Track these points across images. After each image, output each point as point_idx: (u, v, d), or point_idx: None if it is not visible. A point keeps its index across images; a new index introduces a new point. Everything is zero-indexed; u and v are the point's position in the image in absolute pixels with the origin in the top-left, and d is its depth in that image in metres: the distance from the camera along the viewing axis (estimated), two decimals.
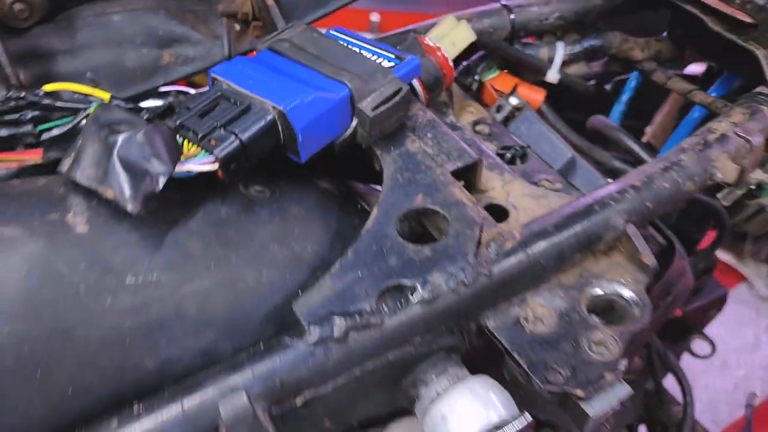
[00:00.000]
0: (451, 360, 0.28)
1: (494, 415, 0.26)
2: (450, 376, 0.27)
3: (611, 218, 0.30)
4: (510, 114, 0.43)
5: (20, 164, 0.30)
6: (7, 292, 0.23)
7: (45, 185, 0.28)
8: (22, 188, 0.28)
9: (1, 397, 0.23)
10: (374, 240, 0.28)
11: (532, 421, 0.27)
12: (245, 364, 0.24)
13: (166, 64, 0.39)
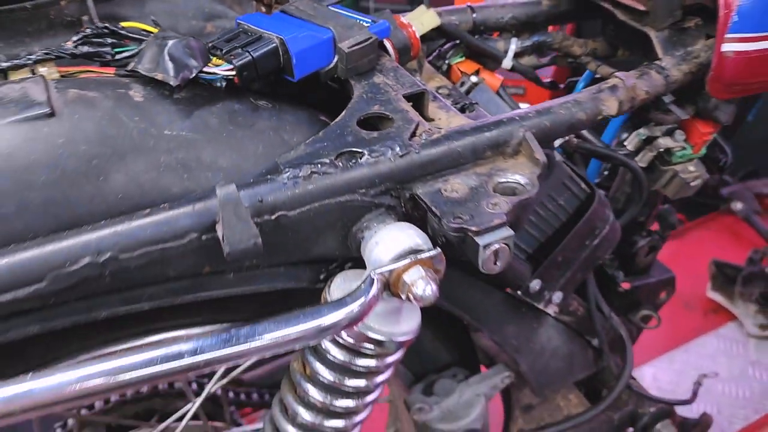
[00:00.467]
0: (389, 215, 0.38)
1: (413, 243, 0.36)
2: (387, 223, 0.38)
3: (516, 129, 0.41)
4: (469, 88, 0.54)
5: (98, 76, 0.43)
6: (87, 128, 0.35)
7: (115, 77, 0.40)
8: (99, 78, 0.40)
9: (74, 189, 0.34)
10: (338, 127, 0.39)
11: (440, 252, 0.37)
12: (240, 188, 0.35)
13: (207, 32, 0.52)
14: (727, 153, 0.76)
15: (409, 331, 0.38)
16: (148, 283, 0.35)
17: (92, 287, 0.33)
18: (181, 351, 0.32)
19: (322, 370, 0.40)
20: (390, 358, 0.39)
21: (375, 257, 0.36)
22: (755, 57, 0.45)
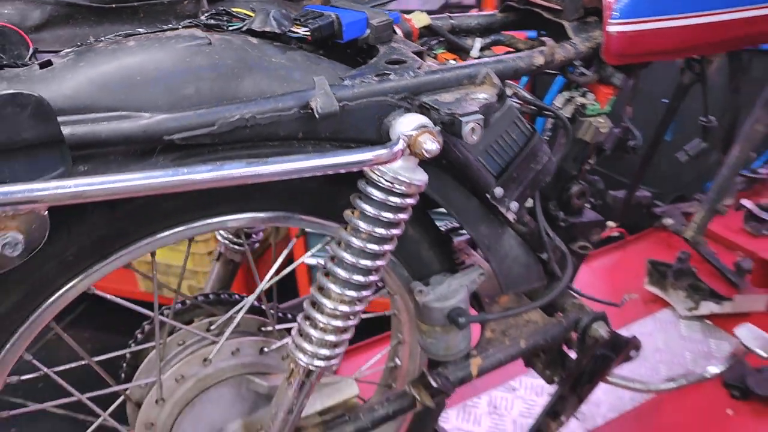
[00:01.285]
0: (408, 113, 0.63)
1: (424, 120, 0.60)
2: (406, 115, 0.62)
3: (481, 68, 0.66)
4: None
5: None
6: (229, 52, 0.59)
7: (237, 33, 0.65)
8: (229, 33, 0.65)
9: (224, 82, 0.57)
10: (374, 64, 0.64)
11: (440, 129, 0.61)
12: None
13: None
14: (636, 137, 1.03)
15: (422, 180, 0.62)
16: (268, 139, 0.58)
17: (239, 134, 0.56)
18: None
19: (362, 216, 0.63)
20: (409, 200, 0.62)
21: (399, 129, 0.60)
22: (630, 35, 0.72)
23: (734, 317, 1.42)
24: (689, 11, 0.76)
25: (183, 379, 0.74)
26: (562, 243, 0.87)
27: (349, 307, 0.66)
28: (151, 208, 0.61)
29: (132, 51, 0.56)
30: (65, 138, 0.48)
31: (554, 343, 0.90)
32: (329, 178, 0.61)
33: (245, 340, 0.77)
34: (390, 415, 0.81)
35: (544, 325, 0.90)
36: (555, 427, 0.98)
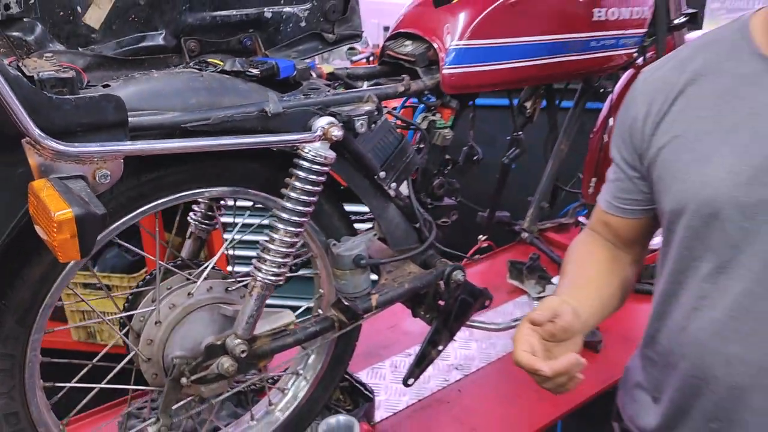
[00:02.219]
0: (321, 116, 1.03)
1: (332, 120, 1.01)
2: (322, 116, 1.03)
3: (366, 93, 1.09)
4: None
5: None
6: (211, 80, 0.98)
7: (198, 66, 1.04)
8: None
9: (221, 96, 0.96)
10: (296, 92, 1.05)
11: (341, 124, 1.02)
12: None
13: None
14: (478, 152, 1.49)
15: (332, 155, 1.02)
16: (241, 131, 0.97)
17: (223, 126, 0.94)
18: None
19: (296, 179, 1.02)
20: (325, 168, 1.02)
21: (317, 124, 1.00)
22: (456, 75, 1.18)
23: None
24: (495, 60, 1.23)
25: (174, 306, 1.08)
26: (429, 217, 1.29)
27: (288, 244, 1.04)
28: (159, 180, 0.98)
29: (158, 78, 0.94)
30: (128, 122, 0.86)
31: (428, 286, 1.30)
32: (274, 163, 1.01)
33: (216, 281, 1.12)
34: (318, 332, 1.17)
35: (420, 274, 1.30)
36: (435, 354, 1.37)
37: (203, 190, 1.04)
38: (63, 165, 0.79)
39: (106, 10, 1.02)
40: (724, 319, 0.87)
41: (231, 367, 1.07)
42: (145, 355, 1.08)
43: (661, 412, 0.99)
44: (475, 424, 1.43)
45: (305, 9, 1.18)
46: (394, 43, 1.27)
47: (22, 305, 0.93)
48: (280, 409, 1.31)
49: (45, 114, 0.77)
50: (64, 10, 0.99)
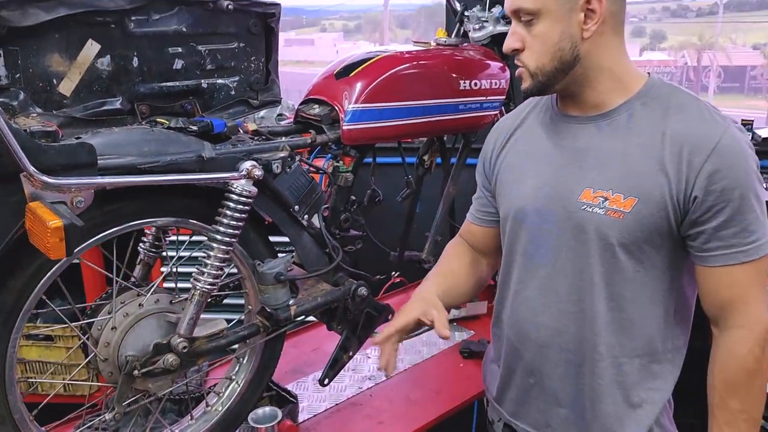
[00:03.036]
0: (246, 161, 1.35)
1: (252, 163, 1.32)
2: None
3: (281, 143, 1.41)
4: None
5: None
6: (157, 133, 1.28)
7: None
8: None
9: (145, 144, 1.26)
10: (226, 143, 1.36)
11: (260, 166, 1.33)
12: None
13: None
14: (379, 194, 1.82)
15: (254, 190, 1.32)
16: (183, 171, 1.26)
17: (169, 168, 1.24)
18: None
19: (226, 208, 1.31)
20: (249, 199, 1.32)
21: (243, 166, 1.31)
22: (352, 130, 1.52)
23: (468, 319, 2.22)
24: (383, 119, 1.58)
25: (127, 315, 1.33)
26: (337, 244, 1.60)
27: (220, 260, 1.33)
28: (118, 211, 1.26)
29: (118, 132, 1.24)
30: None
31: (338, 301, 1.59)
32: (208, 199, 1.31)
33: (162, 295, 1.38)
34: (246, 335, 1.45)
35: (331, 290, 1.59)
36: (346, 358, 1.65)
37: (153, 220, 1.32)
38: (49, 193, 1.07)
39: (75, 81, 1.31)
40: (535, 296, 1.22)
41: (175, 362, 1.32)
42: (102, 356, 1.32)
43: (500, 375, 1.32)
44: (383, 419, 1.71)
45: (234, 81, 1.51)
46: (305, 106, 1.61)
47: (6, 310, 1.17)
48: (215, 410, 1.56)
49: (37, 156, 1.05)
50: (43, 81, 1.27)
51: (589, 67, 1.14)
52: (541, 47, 1.13)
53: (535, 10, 1.11)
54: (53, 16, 1.22)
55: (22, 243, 1.10)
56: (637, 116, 1.14)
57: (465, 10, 1.90)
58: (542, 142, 1.24)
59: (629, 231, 1.11)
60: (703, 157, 1.06)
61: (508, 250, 1.29)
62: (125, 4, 1.30)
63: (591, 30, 1.10)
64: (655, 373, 1.20)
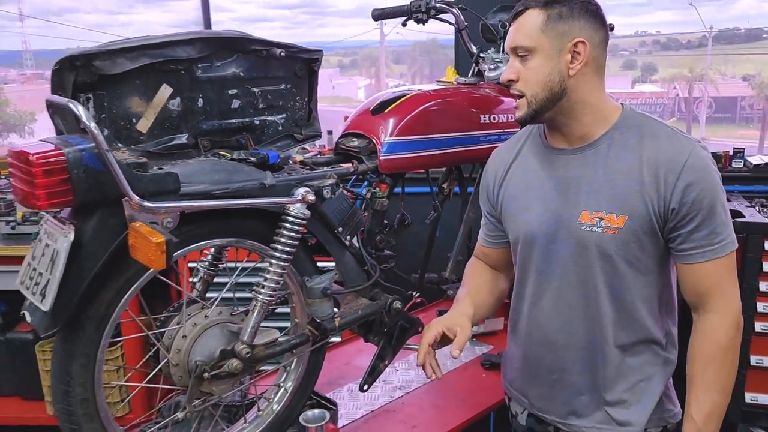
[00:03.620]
0: (299, 187, 1.53)
1: (306, 190, 1.50)
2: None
3: (328, 172, 1.60)
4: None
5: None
6: (211, 164, 1.47)
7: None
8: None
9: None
10: (282, 172, 1.55)
11: (313, 192, 1.51)
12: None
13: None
14: (408, 218, 2.01)
15: (307, 213, 1.50)
16: (249, 197, 1.45)
17: (237, 193, 1.43)
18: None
19: (282, 229, 1.49)
20: (303, 221, 1.50)
21: (298, 192, 1.50)
22: (388, 160, 1.71)
23: (487, 334, 2.39)
24: (415, 150, 1.78)
25: (195, 325, 1.51)
26: (375, 262, 1.78)
27: (279, 275, 1.50)
28: (193, 231, 1.44)
29: (193, 163, 1.43)
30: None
31: (375, 314, 1.76)
32: (266, 220, 1.49)
33: (224, 308, 1.56)
34: (297, 344, 1.61)
35: (369, 304, 1.77)
36: (382, 366, 1.82)
37: (218, 240, 1.50)
38: (143, 215, 1.25)
39: (151, 120, 1.50)
40: (549, 306, 1.44)
41: (238, 366, 1.49)
42: (174, 361, 1.49)
43: (521, 376, 1.52)
44: (416, 423, 1.87)
45: (282, 118, 1.70)
46: (344, 139, 1.81)
47: (98, 317, 1.34)
48: (266, 414, 1.72)
49: (134, 184, 1.24)
50: (124, 120, 1.46)
51: (575, 101, 1.34)
52: (534, 78, 1.33)
53: (531, 48, 1.32)
54: (136, 65, 1.41)
55: (113, 259, 1.28)
56: (615, 145, 1.34)
57: (480, 52, 2.11)
58: (538, 173, 1.45)
59: (624, 243, 1.32)
60: (675, 175, 1.27)
61: (521, 268, 1.50)
62: (194, 53, 1.49)
63: (576, 69, 1.31)
64: (657, 353, 1.42)
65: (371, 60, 17.62)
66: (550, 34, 1.30)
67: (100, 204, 1.26)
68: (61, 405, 1.36)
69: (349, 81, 15.88)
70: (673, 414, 1.46)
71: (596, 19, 1.32)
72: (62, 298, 1.23)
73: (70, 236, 1.23)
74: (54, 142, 1.23)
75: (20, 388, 3.24)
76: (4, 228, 2.98)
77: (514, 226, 1.50)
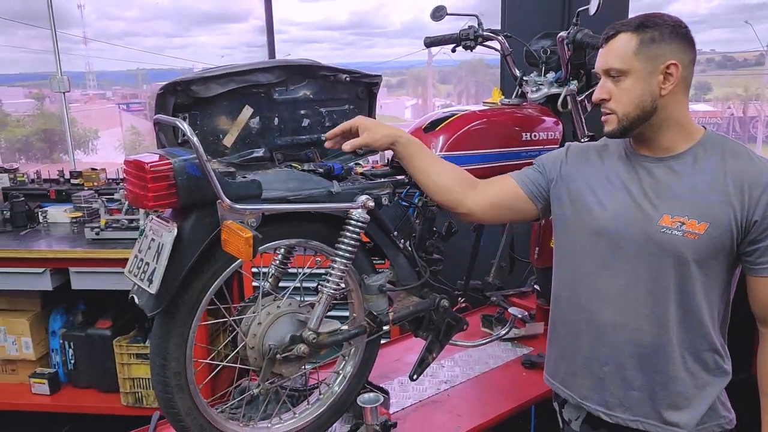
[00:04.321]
0: (361, 194, 1.75)
1: (366, 197, 1.72)
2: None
3: (386, 183, 1.82)
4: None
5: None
6: (286, 173, 1.71)
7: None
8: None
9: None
10: (346, 182, 1.78)
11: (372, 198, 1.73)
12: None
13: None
14: (455, 226, 2.20)
15: (367, 217, 1.72)
16: (318, 202, 1.68)
17: (309, 198, 1.66)
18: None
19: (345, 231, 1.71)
20: (363, 224, 1.72)
21: (360, 198, 1.72)
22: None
23: (528, 338, 2.55)
24: (462, 164, 1.98)
25: (269, 314, 1.73)
26: (425, 264, 1.98)
27: (342, 270, 1.72)
28: (270, 232, 1.67)
29: (272, 173, 1.67)
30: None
31: (424, 311, 1.96)
32: (329, 224, 1.72)
33: (293, 300, 1.78)
34: (356, 333, 1.82)
35: (419, 301, 1.97)
36: (431, 359, 2.01)
37: (289, 240, 1.73)
38: (233, 215, 1.49)
39: (234, 136, 1.75)
40: (613, 300, 1.53)
41: (306, 350, 1.70)
42: (250, 345, 1.72)
43: (564, 359, 1.66)
44: (461, 412, 2.05)
45: None
46: None
47: (191, 303, 1.58)
48: (326, 397, 1.93)
49: (226, 189, 1.48)
50: (213, 136, 1.71)
51: (664, 118, 1.44)
52: (627, 99, 1.43)
53: (624, 70, 1.42)
54: (226, 89, 1.66)
55: (204, 253, 1.52)
56: (700, 160, 1.44)
57: (523, 75, 2.31)
58: (621, 174, 1.53)
59: (702, 249, 1.40)
60: (760, 190, 1.37)
61: (580, 261, 1.59)
62: (272, 79, 1.73)
63: (668, 89, 1.41)
64: (717, 361, 1.50)
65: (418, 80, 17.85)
66: (643, 57, 1.39)
67: (198, 206, 1.50)
68: (159, 377, 1.60)
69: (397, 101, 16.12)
70: (728, 420, 1.53)
71: (686, 40, 1.41)
72: (166, 284, 1.47)
73: (174, 232, 1.47)
74: (161, 153, 1.49)
75: (98, 381, 3.55)
76: (89, 234, 3.31)
77: (588, 216, 1.56)
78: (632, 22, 1.42)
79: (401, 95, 18.15)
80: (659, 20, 1.41)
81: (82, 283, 3.28)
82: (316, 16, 6.13)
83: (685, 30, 1.42)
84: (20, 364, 3.64)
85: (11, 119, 6.37)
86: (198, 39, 6.83)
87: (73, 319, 3.67)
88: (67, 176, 4.07)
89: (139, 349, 3.39)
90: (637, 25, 1.41)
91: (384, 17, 5.60)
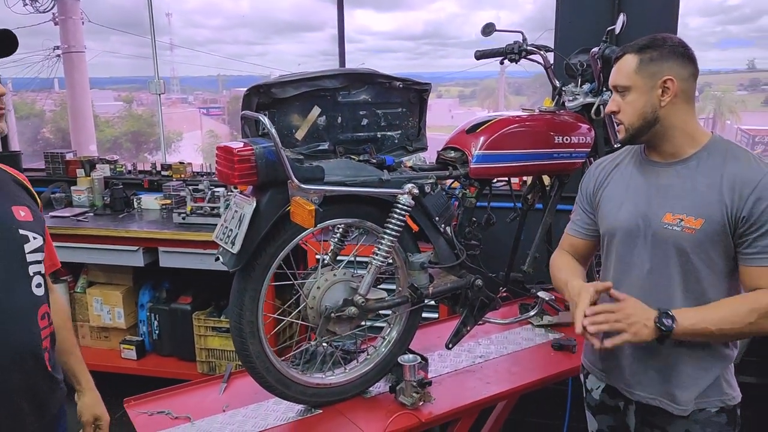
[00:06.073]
0: (408, 183, 2.07)
1: (412, 184, 2.03)
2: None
3: (430, 173, 2.13)
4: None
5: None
6: (345, 162, 2.04)
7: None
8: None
9: None
10: (396, 172, 2.10)
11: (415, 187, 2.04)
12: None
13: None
14: (493, 217, 2.48)
15: (412, 203, 2.03)
16: (370, 186, 2.01)
17: (363, 183, 1.99)
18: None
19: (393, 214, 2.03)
20: (408, 209, 2.03)
21: (406, 186, 2.03)
22: (478, 168, 2.21)
23: (560, 325, 2.80)
24: (500, 162, 2.27)
25: (327, 280, 2.07)
26: (463, 248, 2.27)
27: (389, 246, 2.04)
28: (328, 211, 2.01)
29: (333, 162, 2.01)
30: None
31: (461, 288, 2.26)
32: (379, 207, 2.04)
33: (347, 270, 2.11)
34: (399, 302, 2.14)
35: (456, 279, 2.26)
36: (465, 331, 2.30)
37: (346, 219, 2.07)
38: (300, 193, 1.83)
39: (305, 131, 2.10)
40: (628, 290, 1.66)
41: (355, 312, 2.03)
42: (310, 305, 2.06)
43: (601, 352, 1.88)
44: (490, 380, 2.32)
45: (398, 133, 2.24)
46: (444, 151, 2.33)
47: (264, 265, 1.94)
48: (373, 356, 2.25)
49: (296, 172, 1.83)
50: (287, 131, 2.06)
51: (667, 126, 1.61)
52: (632, 110, 1.62)
53: (627, 86, 1.61)
54: (299, 91, 2.00)
55: (275, 224, 1.87)
56: (702, 163, 1.60)
57: (562, 86, 2.58)
58: (635, 179, 1.72)
59: (699, 242, 1.57)
60: (749, 190, 1.52)
61: (606, 256, 1.82)
62: (337, 84, 2.07)
63: (666, 101, 1.58)
64: (719, 347, 1.65)
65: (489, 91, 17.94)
66: (643, 74, 1.59)
67: (272, 184, 1.86)
68: (235, 324, 1.96)
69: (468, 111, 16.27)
70: (732, 397, 1.66)
71: (684, 58, 1.58)
72: (245, 246, 1.83)
73: (253, 204, 1.83)
74: (245, 141, 1.85)
75: (178, 350, 4.01)
76: (177, 218, 3.76)
77: (606, 220, 1.76)
78: (636, 45, 1.63)
79: (472, 106, 18.30)
80: (660, 42, 1.63)
81: (169, 261, 3.73)
82: (392, 26, 6.37)
83: (682, 49, 1.60)
84: (112, 332, 4.14)
85: (101, 120, 6.98)
86: (277, 47, 7.26)
87: (159, 294, 4.15)
88: (158, 168, 4.58)
89: (215, 323, 3.80)
90: (640, 47, 1.61)
91: (458, 28, 5.85)
